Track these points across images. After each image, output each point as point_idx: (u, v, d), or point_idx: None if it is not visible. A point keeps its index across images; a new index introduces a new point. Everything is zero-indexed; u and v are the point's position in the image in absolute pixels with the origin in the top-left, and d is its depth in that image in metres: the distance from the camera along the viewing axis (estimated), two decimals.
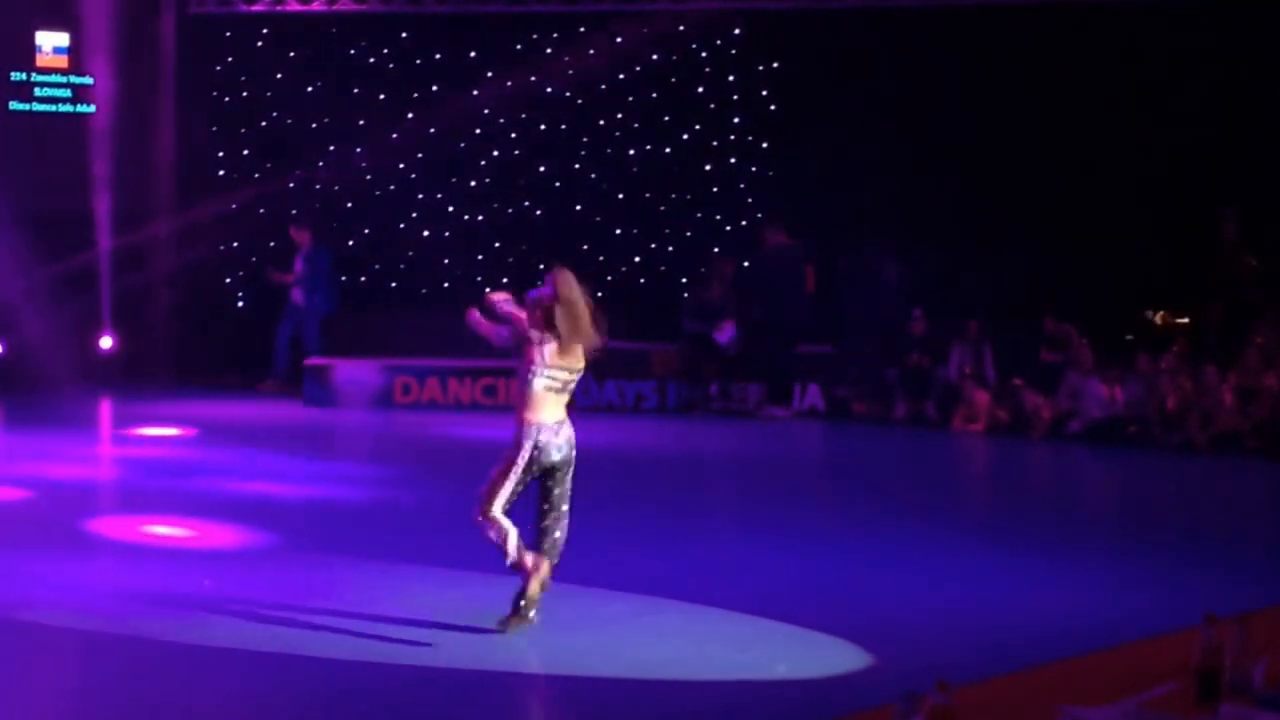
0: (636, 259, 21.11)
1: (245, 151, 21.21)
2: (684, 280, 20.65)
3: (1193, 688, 6.07)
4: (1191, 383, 16.81)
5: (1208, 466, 15.69)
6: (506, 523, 7.97)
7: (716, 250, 20.24)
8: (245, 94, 21.15)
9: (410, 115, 20.97)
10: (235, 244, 21.23)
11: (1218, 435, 16.33)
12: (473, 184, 21.20)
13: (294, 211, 20.61)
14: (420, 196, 21.10)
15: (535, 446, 7.97)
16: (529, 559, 7.96)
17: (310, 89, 21.05)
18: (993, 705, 6.38)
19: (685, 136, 21.04)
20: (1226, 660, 5.95)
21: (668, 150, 21.05)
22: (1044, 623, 8.58)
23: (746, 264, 19.75)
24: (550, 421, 8.04)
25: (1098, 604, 9.12)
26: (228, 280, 21.35)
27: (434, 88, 20.97)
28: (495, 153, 21.19)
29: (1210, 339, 17.99)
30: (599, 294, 21.46)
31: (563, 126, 21.13)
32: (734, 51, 20.94)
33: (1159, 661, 6.94)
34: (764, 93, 20.93)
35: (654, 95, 21.00)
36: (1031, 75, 19.19)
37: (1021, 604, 9.10)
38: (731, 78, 20.96)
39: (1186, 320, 19.01)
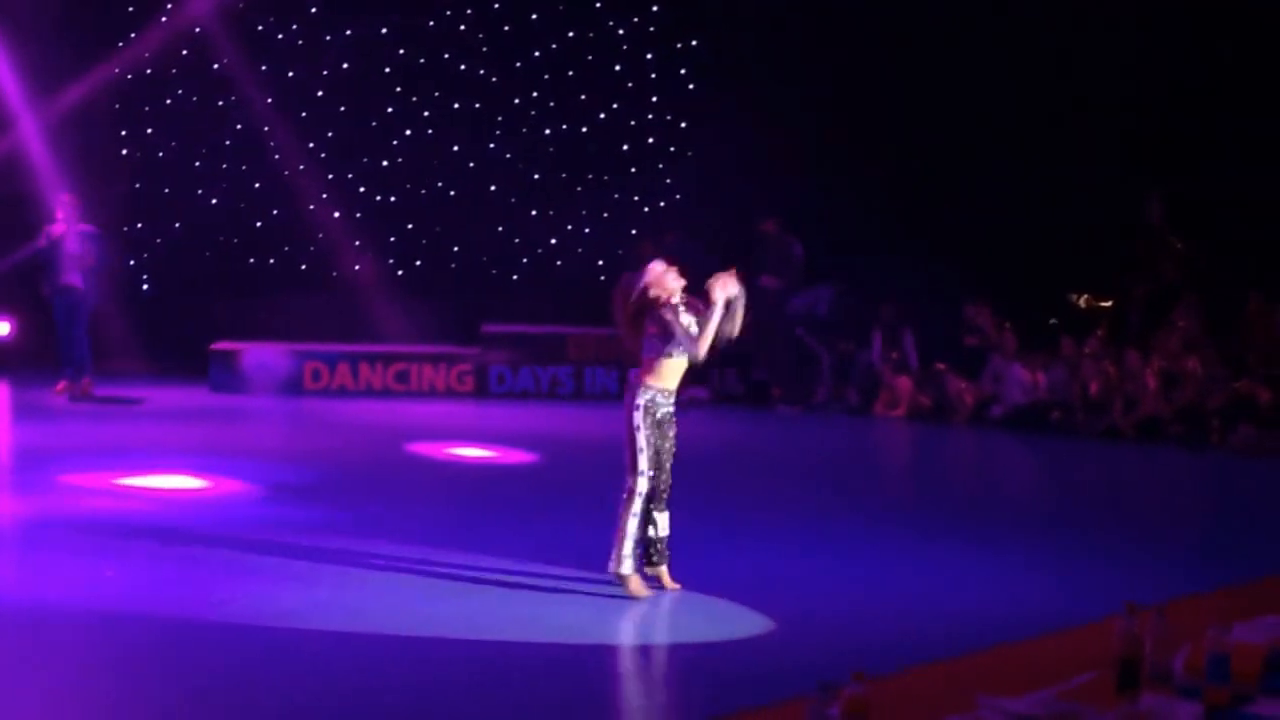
0: (553, 240, 20.76)
1: (149, 130, 20.62)
2: (600, 263, 20.31)
3: (1113, 677, 5.86)
4: (1115, 367, 16.67)
5: (1130, 452, 15.56)
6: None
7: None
8: (149, 71, 20.54)
9: (320, 93, 20.48)
10: (140, 225, 20.65)
11: (1141, 420, 16.18)
12: (384, 163, 20.77)
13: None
14: (330, 176, 20.61)
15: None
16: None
17: (216, 65, 20.48)
18: (911, 696, 6.16)
19: (602, 116, 20.71)
20: (1146, 649, 5.74)
21: (584, 130, 20.71)
22: (964, 612, 8.41)
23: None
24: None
25: (1018, 593, 8.96)
26: (132, 263, 20.75)
27: (344, 64, 20.46)
28: (408, 131, 20.77)
29: (1134, 322, 17.87)
30: (514, 276, 21.39)
31: (476, 105, 20.73)
32: (652, 29, 20.62)
33: (1079, 651, 6.75)
34: (682, 71, 20.63)
35: (570, 74, 20.63)
36: (956, 57, 18.98)
37: (941, 593, 8.91)
38: (650, 56, 20.63)
39: (1110, 304, 18.88)
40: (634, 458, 8.28)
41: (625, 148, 20.72)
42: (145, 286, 20.90)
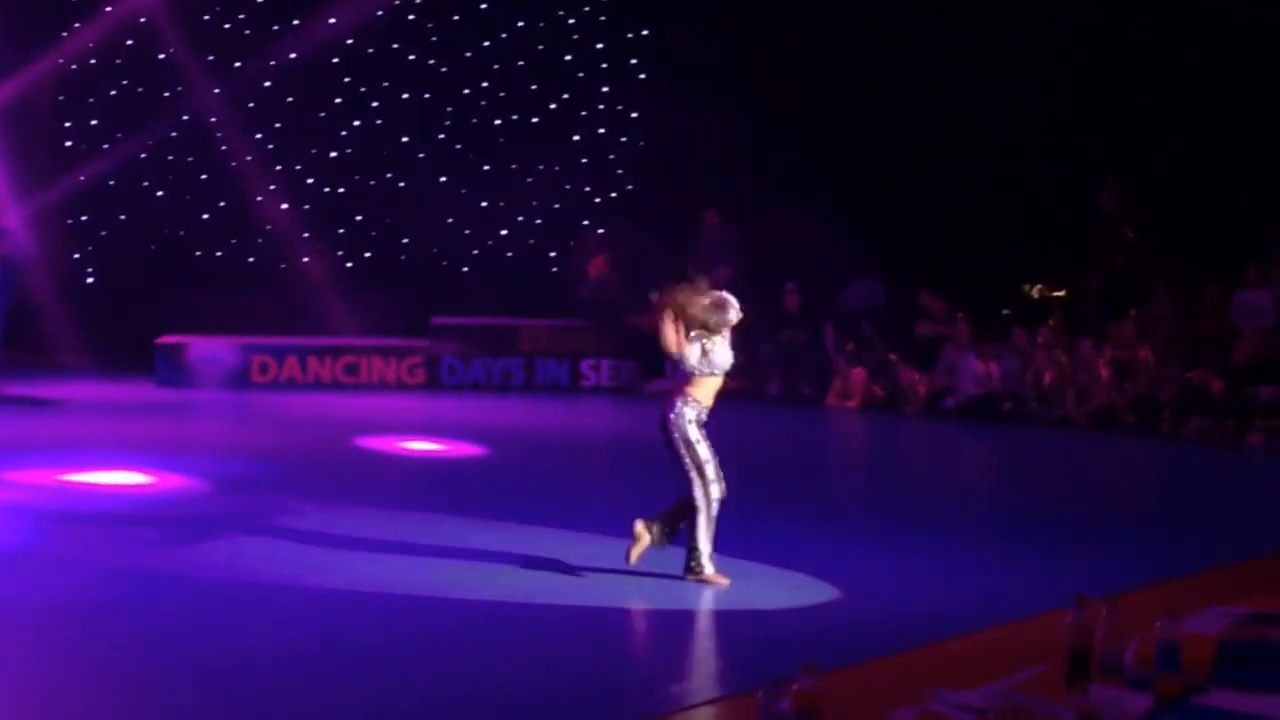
0: (504, 231, 20.60)
1: (94, 121, 20.33)
2: (551, 254, 20.17)
3: (1064, 669, 5.82)
4: (1068, 357, 16.65)
5: (1084, 442, 15.53)
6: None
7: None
8: (94, 61, 20.24)
9: (267, 84, 20.22)
10: (84, 218, 20.37)
11: (1094, 410, 16.17)
12: (333, 154, 20.54)
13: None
14: (278, 168, 20.36)
15: None
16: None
17: (162, 56, 20.20)
18: (863, 690, 6.10)
19: (553, 106, 20.54)
20: (1097, 641, 5.68)
21: (535, 120, 20.54)
22: (916, 605, 8.26)
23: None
24: None
25: (972, 585, 8.82)
26: (76, 256, 20.47)
27: (291, 55, 20.21)
28: (356, 122, 20.55)
29: (1088, 311, 17.84)
30: (465, 268, 21.21)
31: (426, 95, 20.54)
32: (602, 19, 20.48)
33: (1031, 643, 6.73)
34: (633, 61, 20.50)
35: (520, 64, 20.47)
36: (907, 44, 18.91)
37: (895, 586, 8.77)
38: (600, 46, 20.49)
39: (1064, 293, 18.85)
40: (699, 470, 8.54)
41: (576, 138, 20.58)
42: (90, 279, 20.64)
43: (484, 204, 20.61)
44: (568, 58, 20.55)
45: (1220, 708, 5.33)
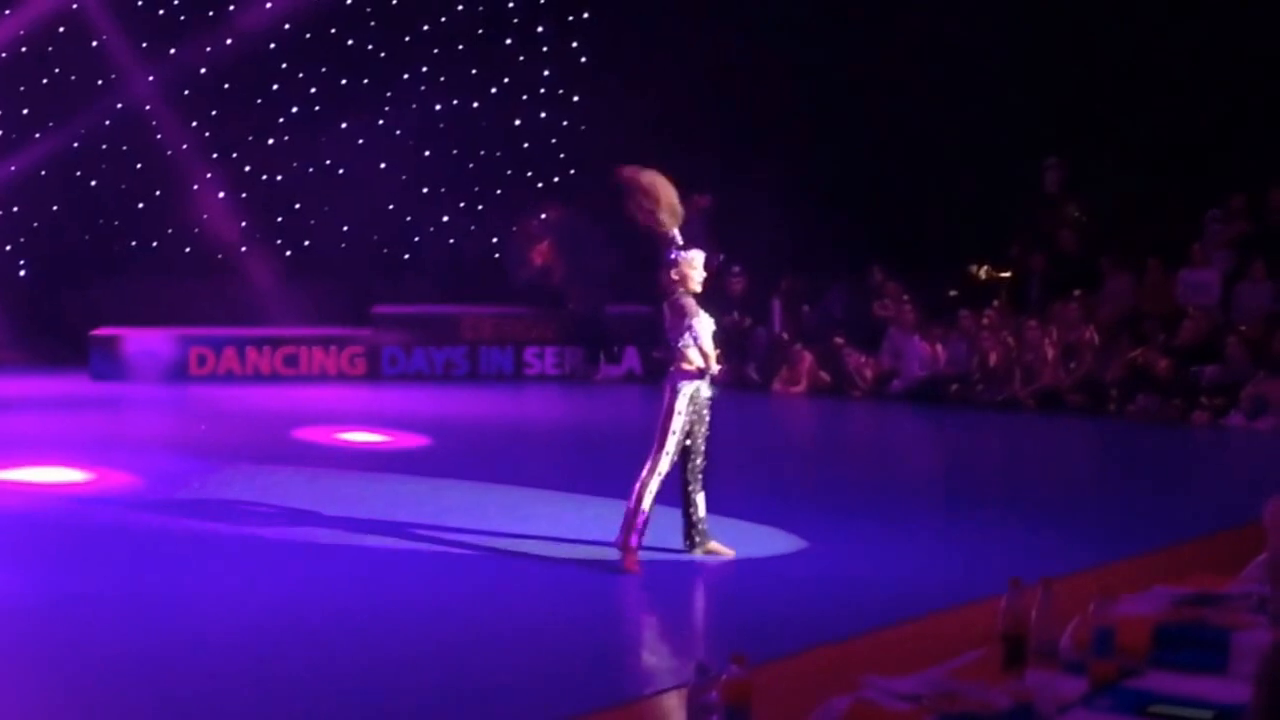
0: (445, 218, 20.37)
1: (25, 110, 19.99)
2: (494, 240, 19.98)
3: (999, 654, 5.66)
4: (1014, 338, 16.60)
5: (1030, 423, 15.47)
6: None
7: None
8: (24, 49, 19.90)
9: (203, 70, 19.91)
10: (15, 208, 20.03)
11: (1040, 391, 16.11)
12: (270, 141, 20.25)
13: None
14: (215, 155, 20.07)
15: None
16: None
17: (95, 43, 19.87)
18: (794, 679, 5.90)
19: (494, 90, 20.33)
20: (1031, 625, 5.54)
21: (475, 105, 20.31)
22: (855, 592, 8.13)
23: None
24: None
25: (915, 569, 8.71)
26: (8, 248, 20.14)
27: (227, 40, 19.91)
28: (294, 108, 20.26)
29: (1033, 292, 17.79)
30: (406, 256, 20.95)
31: (365, 80, 20.27)
32: (542, 1, 20.27)
33: (969, 628, 6.54)
34: (574, 44, 20.30)
35: (460, 48, 20.25)
36: (848, 27, 18.79)
37: (831, 572, 8.64)
38: (541, 29, 20.29)
39: (1009, 274, 18.78)
40: (661, 441, 8.56)
41: (517, 123, 20.37)
42: (22, 272, 20.31)
43: (424, 190, 20.39)
44: (508, 41, 20.34)
45: (1155, 690, 5.19)
